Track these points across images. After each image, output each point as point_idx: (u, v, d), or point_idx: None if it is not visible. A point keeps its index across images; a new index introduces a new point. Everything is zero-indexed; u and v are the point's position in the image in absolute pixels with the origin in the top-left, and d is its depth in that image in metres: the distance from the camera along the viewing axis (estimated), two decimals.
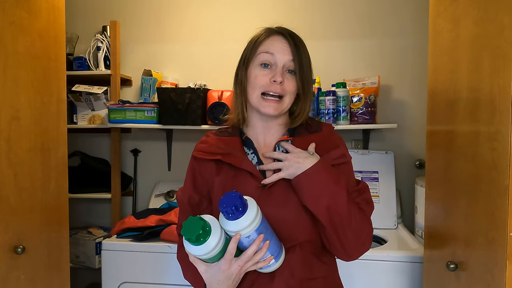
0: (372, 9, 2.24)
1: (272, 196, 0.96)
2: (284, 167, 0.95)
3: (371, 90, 2.05)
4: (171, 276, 1.71)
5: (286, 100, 0.99)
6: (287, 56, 0.98)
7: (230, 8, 2.34)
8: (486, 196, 1.02)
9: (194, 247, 0.84)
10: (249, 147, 1.04)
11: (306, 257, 0.96)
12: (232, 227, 0.85)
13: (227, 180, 1.00)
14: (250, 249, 0.86)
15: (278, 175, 0.95)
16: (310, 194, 0.92)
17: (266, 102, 0.98)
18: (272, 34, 1.01)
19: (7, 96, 1.40)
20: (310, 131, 1.04)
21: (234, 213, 0.83)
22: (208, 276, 0.89)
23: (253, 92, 0.99)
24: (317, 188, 0.92)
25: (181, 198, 1.07)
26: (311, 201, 0.92)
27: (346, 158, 1.01)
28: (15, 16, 1.43)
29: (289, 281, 0.94)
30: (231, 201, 0.83)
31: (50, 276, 1.59)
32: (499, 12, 0.98)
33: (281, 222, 0.94)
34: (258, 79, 0.98)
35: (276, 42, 1.00)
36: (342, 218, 0.92)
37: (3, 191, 1.38)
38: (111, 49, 2.28)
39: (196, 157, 1.05)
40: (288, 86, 0.98)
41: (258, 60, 0.99)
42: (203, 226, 0.82)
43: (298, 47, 1.00)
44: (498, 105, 0.97)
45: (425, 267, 1.46)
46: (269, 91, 0.97)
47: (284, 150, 1.01)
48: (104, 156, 2.45)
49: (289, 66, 0.99)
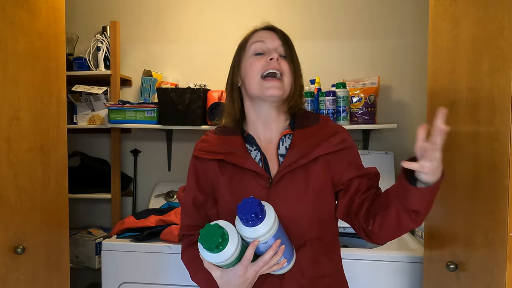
0: (372, 10, 2.24)
1: (279, 195, 0.96)
2: (434, 168, 0.82)
3: (371, 90, 2.05)
4: (171, 276, 1.71)
5: (285, 80, 1.00)
6: (277, 41, 1.02)
7: (231, 8, 2.34)
8: (486, 196, 1.02)
9: (211, 255, 0.84)
10: (252, 144, 1.03)
11: (315, 255, 0.97)
12: (250, 234, 0.85)
13: (233, 179, 0.99)
14: (267, 255, 0.86)
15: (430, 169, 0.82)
16: (429, 202, 0.88)
17: (269, 83, 0.98)
18: (259, 30, 1.06)
19: (7, 96, 1.40)
20: (309, 123, 1.04)
21: (254, 220, 0.82)
22: (223, 281, 0.89)
23: (253, 79, 0.99)
24: (433, 197, 0.88)
25: (185, 200, 1.07)
26: (429, 204, 0.89)
27: (347, 142, 1.01)
28: (15, 16, 1.43)
29: (299, 280, 0.94)
30: (250, 208, 0.82)
31: (50, 276, 1.59)
32: (499, 12, 0.98)
33: (290, 220, 0.94)
34: (254, 65, 0.99)
35: (264, 33, 1.04)
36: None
37: (3, 191, 1.38)
38: (111, 49, 2.28)
39: (198, 156, 1.04)
40: (284, 66, 1.00)
41: (251, 51, 1.02)
42: (223, 234, 0.82)
43: (285, 36, 1.05)
44: (498, 105, 0.97)
45: (425, 267, 1.46)
46: (268, 69, 0.98)
47: (287, 146, 1.01)
48: (104, 156, 2.45)
49: (280, 51, 1.01)
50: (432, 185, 0.83)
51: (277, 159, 1.01)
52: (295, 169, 0.97)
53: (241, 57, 1.04)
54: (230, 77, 1.07)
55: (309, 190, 0.96)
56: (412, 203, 0.86)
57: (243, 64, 1.03)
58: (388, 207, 0.91)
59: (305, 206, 0.96)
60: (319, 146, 0.98)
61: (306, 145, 0.99)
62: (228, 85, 1.07)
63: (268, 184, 0.97)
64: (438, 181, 0.83)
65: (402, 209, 0.88)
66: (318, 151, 0.97)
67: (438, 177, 0.83)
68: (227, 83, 1.08)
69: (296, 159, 0.97)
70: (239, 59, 1.05)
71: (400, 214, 0.89)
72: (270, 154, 1.02)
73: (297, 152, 0.98)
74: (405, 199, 0.87)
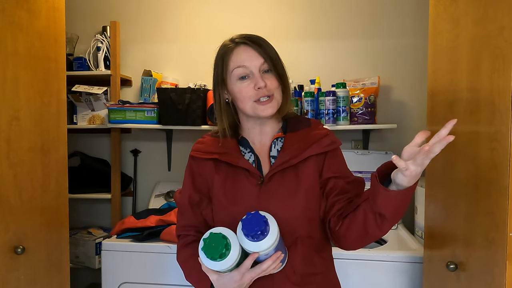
0: (372, 10, 2.24)
1: (271, 193, 0.99)
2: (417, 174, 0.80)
3: (371, 90, 2.05)
4: (171, 276, 1.71)
5: (276, 96, 1.02)
6: (257, 60, 1.00)
7: (230, 7, 2.34)
8: (486, 196, 1.02)
9: (212, 263, 0.85)
10: (246, 147, 1.07)
11: (306, 253, 0.99)
12: (252, 248, 0.86)
13: (227, 178, 1.03)
14: (266, 264, 0.89)
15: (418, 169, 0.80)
16: (397, 207, 0.87)
17: (262, 106, 1.00)
18: (236, 47, 1.02)
19: (7, 96, 1.40)
20: (300, 127, 1.07)
21: (258, 237, 0.83)
22: (219, 284, 0.91)
23: (245, 104, 1.01)
24: (402, 205, 0.88)
25: (181, 199, 1.09)
26: (397, 211, 0.88)
27: (336, 144, 1.05)
28: (15, 16, 1.43)
29: (291, 277, 0.97)
30: (256, 225, 0.82)
31: (50, 276, 1.59)
32: (498, 12, 0.98)
33: (281, 218, 0.95)
34: (244, 92, 1.00)
35: (242, 53, 1.01)
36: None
37: (3, 191, 1.38)
38: (111, 49, 2.28)
39: (194, 156, 1.08)
40: (272, 84, 1.01)
41: (234, 76, 1.01)
42: (226, 244, 0.83)
43: (263, 47, 1.01)
44: (498, 105, 0.97)
45: (425, 267, 1.46)
46: (259, 97, 1.00)
47: (279, 149, 1.05)
48: (104, 156, 2.45)
49: (263, 67, 1.01)
50: (403, 190, 0.82)
51: (269, 161, 1.05)
52: (286, 168, 1.00)
53: (225, 77, 1.03)
54: (216, 92, 1.06)
55: (300, 189, 0.99)
56: (379, 203, 0.86)
57: (230, 87, 1.03)
58: (357, 208, 0.93)
59: (295, 204, 0.98)
60: (309, 147, 1.01)
61: (296, 146, 1.02)
62: (216, 102, 1.07)
63: (260, 182, 1.00)
64: (410, 188, 0.82)
65: (369, 211, 0.89)
66: (309, 152, 1.01)
67: (412, 184, 0.82)
68: (214, 99, 1.07)
69: (287, 159, 1.00)
70: (222, 77, 1.04)
71: (367, 215, 0.90)
72: (263, 156, 1.06)
73: (288, 153, 1.01)
74: (373, 200, 0.87)
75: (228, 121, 1.06)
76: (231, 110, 1.07)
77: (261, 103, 1.00)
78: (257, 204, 0.98)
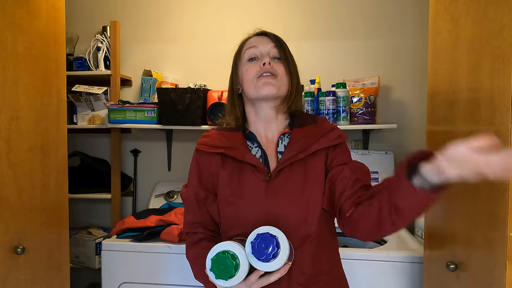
0: (372, 9, 2.24)
1: (278, 190, 0.97)
2: (453, 176, 0.72)
3: (371, 90, 2.05)
4: (171, 276, 1.71)
5: (280, 79, 1.02)
6: (270, 44, 1.05)
7: (230, 8, 2.34)
8: (486, 196, 1.02)
9: (221, 281, 0.84)
10: (253, 141, 1.06)
11: (314, 252, 0.97)
12: (263, 268, 0.85)
13: (233, 173, 1.02)
14: (273, 277, 0.88)
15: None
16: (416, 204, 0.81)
17: (263, 79, 1.00)
18: (252, 36, 1.09)
19: (7, 96, 1.40)
20: (306, 123, 1.07)
21: (269, 260, 0.83)
22: None
23: (249, 83, 1.02)
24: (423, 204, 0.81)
25: (187, 196, 1.08)
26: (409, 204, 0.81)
27: (343, 138, 1.05)
28: (15, 16, 1.43)
29: (299, 278, 0.95)
30: (267, 247, 0.81)
31: (50, 276, 1.59)
32: (498, 12, 0.98)
33: (289, 216, 0.95)
34: (249, 71, 1.02)
35: (258, 38, 1.08)
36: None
37: (3, 191, 1.38)
38: (111, 49, 2.28)
39: (200, 150, 1.07)
40: (278, 68, 1.02)
41: (245, 57, 1.05)
42: (236, 266, 0.82)
43: (278, 38, 1.08)
44: (498, 105, 0.97)
45: (425, 267, 1.46)
46: (262, 72, 1.00)
47: (286, 144, 1.04)
48: (104, 156, 2.45)
49: (274, 53, 1.04)
50: (428, 190, 0.75)
51: (276, 156, 1.03)
52: (293, 163, 0.99)
53: (237, 64, 1.08)
54: (230, 84, 1.11)
55: (308, 185, 0.98)
56: (399, 195, 0.79)
57: (240, 71, 1.06)
58: (374, 196, 0.88)
59: (303, 201, 0.97)
60: (317, 142, 1.01)
61: (304, 141, 1.01)
62: (229, 92, 1.11)
63: (267, 177, 0.99)
64: (436, 191, 0.75)
65: (386, 201, 0.82)
66: (316, 146, 1.00)
67: (442, 182, 0.73)
68: (228, 90, 1.11)
69: (294, 154, 0.99)
70: (236, 66, 1.09)
71: (382, 204, 0.84)
72: (270, 151, 1.04)
73: (295, 148, 1.00)
74: (395, 191, 0.80)
75: (237, 111, 1.08)
76: (241, 103, 1.09)
77: (263, 77, 1.00)
78: (265, 200, 0.97)
